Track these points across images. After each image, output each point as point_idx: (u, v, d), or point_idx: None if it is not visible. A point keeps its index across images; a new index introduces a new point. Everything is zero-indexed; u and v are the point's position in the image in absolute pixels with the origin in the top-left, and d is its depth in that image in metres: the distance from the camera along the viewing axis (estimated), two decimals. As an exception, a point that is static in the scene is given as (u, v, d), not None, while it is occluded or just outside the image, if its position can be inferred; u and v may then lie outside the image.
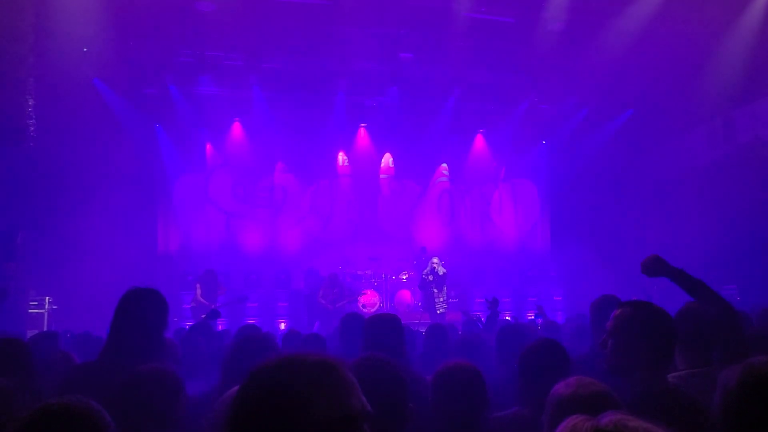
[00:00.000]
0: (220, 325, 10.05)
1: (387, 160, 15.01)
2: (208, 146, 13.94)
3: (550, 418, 1.81)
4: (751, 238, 10.32)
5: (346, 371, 1.09)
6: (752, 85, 11.08)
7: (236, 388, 2.17)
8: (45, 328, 9.48)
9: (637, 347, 2.17)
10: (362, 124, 14.59)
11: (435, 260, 11.51)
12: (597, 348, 2.50)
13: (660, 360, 2.18)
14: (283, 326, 11.98)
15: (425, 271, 11.56)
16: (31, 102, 10.57)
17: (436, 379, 2.34)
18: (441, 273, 11.37)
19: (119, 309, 2.79)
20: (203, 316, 6.61)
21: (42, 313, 9.83)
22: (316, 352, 1.12)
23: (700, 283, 2.88)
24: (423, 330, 5.41)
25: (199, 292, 10.35)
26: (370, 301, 12.87)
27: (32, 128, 10.58)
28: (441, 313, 11.06)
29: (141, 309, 2.77)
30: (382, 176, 15.05)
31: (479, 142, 15.14)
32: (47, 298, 10.10)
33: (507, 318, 11.36)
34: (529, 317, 11.13)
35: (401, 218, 14.94)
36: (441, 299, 11.33)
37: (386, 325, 3.17)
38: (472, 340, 3.93)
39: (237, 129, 13.91)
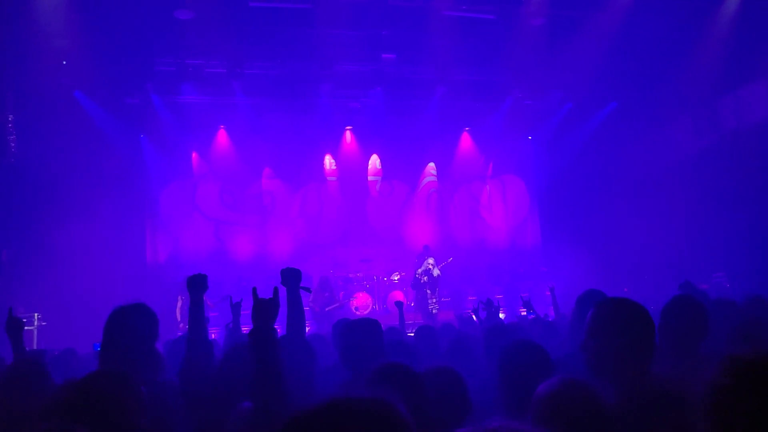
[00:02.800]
0: (213, 334, 9.96)
1: (374, 161, 14.98)
2: (194, 154, 13.85)
3: (536, 418, 1.79)
4: (738, 224, 10.37)
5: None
6: (734, 73, 11.14)
7: (246, 404, 2.16)
8: (34, 346, 9.35)
9: (617, 347, 2.14)
10: (348, 127, 14.56)
11: (431, 261, 11.41)
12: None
13: (641, 357, 2.15)
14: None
15: (419, 270, 11.49)
16: (11, 117, 10.47)
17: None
18: (435, 275, 11.29)
19: (107, 328, 2.77)
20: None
21: (31, 330, 9.70)
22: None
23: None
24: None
25: (179, 305, 10.26)
26: (362, 304, 12.84)
27: (13, 144, 10.48)
28: (434, 314, 11.02)
29: (129, 325, 2.75)
30: (370, 178, 15.02)
31: (466, 139, 15.14)
32: (36, 314, 9.97)
33: (502, 316, 11.35)
34: (522, 313, 11.13)
35: (391, 219, 14.91)
36: (434, 300, 11.27)
37: (364, 331, 3.14)
38: (465, 341, 3.91)
39: (222, 136, 13.83)
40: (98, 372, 2.15)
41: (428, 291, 11.27)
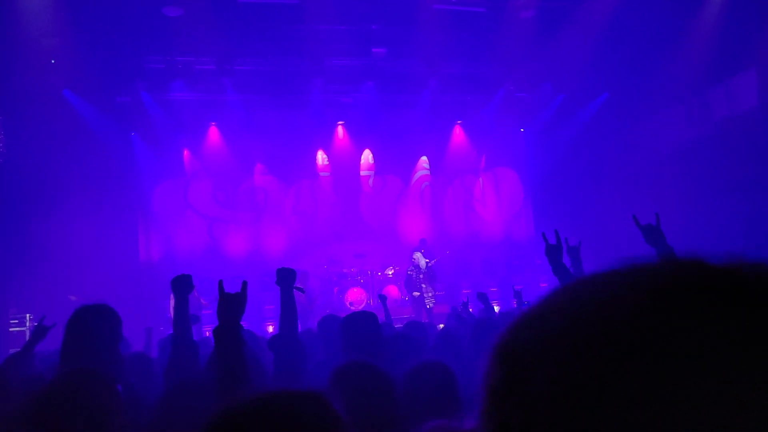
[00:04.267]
0: (207, 332, 9.95)
1: (367, 156, 14.96)
2: (186, 152, 13.81)
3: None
4: (730, 214, 10.41)
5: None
6: (724, 63, 11.16)
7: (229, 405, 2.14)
8: (28, 347, 9.31)
9: None
10: (340, 122, 14.53)
11: (416, 255, 11.36)
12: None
13: None
14: (270, 329, 11.91)
15: (409, 267, 11.49)
16: (-2, 117, 10.41)
17: (405, 380, 2.31)
18: (423, 265, 11.20)
19: (69, 328, 2.76)
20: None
21: (23, 331, 9.67)
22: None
23: None
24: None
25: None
26: (357, 299, 12.85)
27: (1, 144, 10.41)
28: (429, 308, 10.95)
29: (91, 326, 2.74)
30: (362, 173, 15.01)
31: (458, 133, 15.13)
32: (28, 315, 9.95)
33: (496, 308, 11.35)
34: (514, 305, 11.14)
35: (384, 214, 14.91)
36: (429, 294, 11.14)
37: (363, 324, 3.15)
38: (452, 335, 3.92)
39: (214, 133, 13.78)
40: (70, 371, 2.12)
41: (424, 285, 11.19)
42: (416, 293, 11.11)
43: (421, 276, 11.13)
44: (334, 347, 4.04)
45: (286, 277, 3.42)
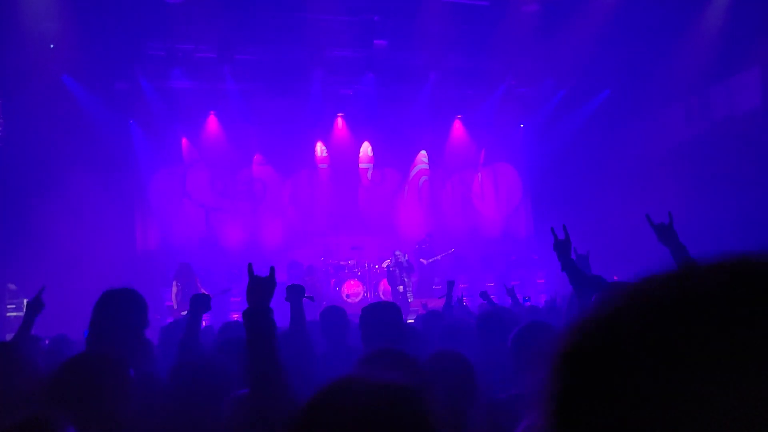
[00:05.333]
0: (204, 321, 9.91)
1: (366, 148, 14.91)
2: (184, 140, 13.73)
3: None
4: (729, 213, 10.42)
5: None
6: (726, 61, 11.15)
7: (244, 391, 2.14)
8: (24, 332, 9.26)
9: None
10: (339, 114, 14.47)
11: (397, 252, 11.70)
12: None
13: None
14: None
15: (389, 264, 11.79)
16: (-3, 102, 10.32)
17: (425, 367, 2.30)
18: (403, 260, 11.59)
19: (96, 311, 2.73)
20: (183, 312, 6.49)
21: (21, 317, 9.59)
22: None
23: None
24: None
25: (174, 290, 10.19)
26: (353, 291, 12.82)
27: (0, 128, 10.32)
28: (409, 302, 11.21)
29: (119, 310, 2.72)
30: (361, 165, 14.96)
31: (458, 127, 15.09)
32: (25, 300, 9.87)
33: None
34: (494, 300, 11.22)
35: (382, 207, 14.88)
36: (409, 289, 11.60)
37: (384, 315, 3.14)
38: (457, 326, 3.91)
39: (212, 122, 13.71)
40: (83, 355, 2.10)
41: (405, 279, 11.52)
42: (400, 287, 11.42)
43: (402, 273, 11.50)
44: (336, 339, 4.02)
45: (295, 293, 3.59)
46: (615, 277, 10.20)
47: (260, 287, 2.09)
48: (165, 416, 2.28)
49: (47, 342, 5.57)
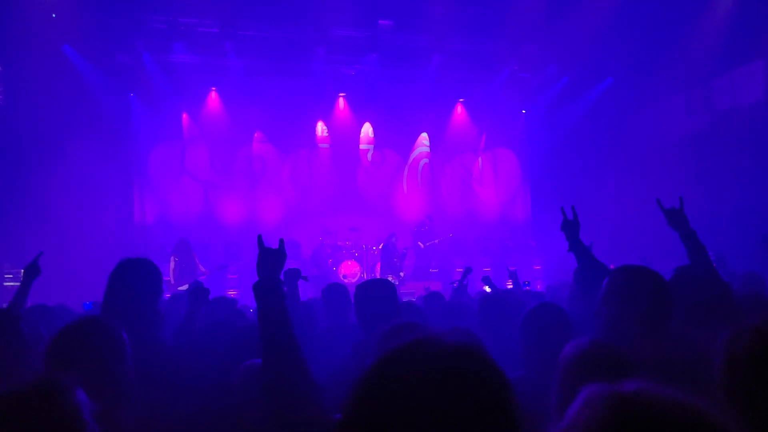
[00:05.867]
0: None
1: (367, 129, 14.86)
2: (184, 116, 13.64)
3: (563, 378, 1.79)
4: (728, 205, 10.44)
5: None
6: (730, 53, 11.11)
7: (255, 361, 2.16)
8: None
9: (632, 314, 2.14)
10: (341, 93, 14.39)
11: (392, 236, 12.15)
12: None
13: (656, 325, 2.15)
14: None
15: (387, 251, 12.15)
16: (-2, 69, 10.23)
17: None
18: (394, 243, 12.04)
19: (112, 280, 2.73)
20: (180, 287, 6.51)
21: (18, 286, 9.59)
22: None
23: (703, 250, 2.90)
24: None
25: (172, 265, 10.20)
26: (350, 272, 12.84)
27: (1, 96, 10.25)
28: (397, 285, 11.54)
29: (135, 279, 2.72)
30: (361, 146, 14.92)
31: (459, 110, 15.03)
32: (23, 271, 9.86)
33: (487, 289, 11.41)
34: (508, 285, 11.23)
35: (381, 188, 14.87)
36: (401, 274, 12.00)
37: (379, 291, 3.15)
38: (457, 308, 3.94)
39: (213, 98, 13.63)
40: (75, 321, 2.12)
41: (396, 261, 11.95)
42: (402, 273, 11.79)
43: (396, 260, 11.80)
44: (337, 315, 4.05)
45: (291, 276, 3.83)
46: (612, 266, 10.27)
47: (270, 259, 2.09)
48: (173, 383, 2.31)
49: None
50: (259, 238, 2.19)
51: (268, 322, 1.94)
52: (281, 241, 2.18)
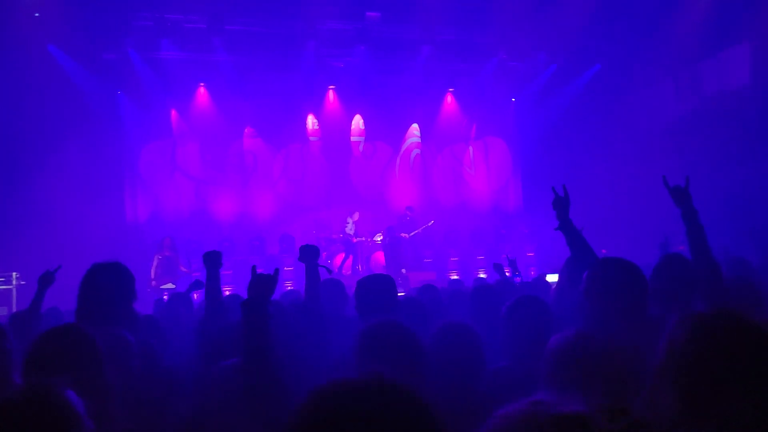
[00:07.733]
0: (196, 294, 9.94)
1: (357, 121, 14.85)
2: (173, 112, 13.60)
3: (551, 368, 1.84)
4: (716, 189, 10.51)
5: None
6: (716, 37, 11.15)
7: (227, 363, 2.21)
8: (14, 306, 9.28)
9: (612, 305, 2.24)
10: (331, 86, 14.36)
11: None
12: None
13: (635, 313, 2.25)
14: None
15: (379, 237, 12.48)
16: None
17: (431, 340, 2.35)
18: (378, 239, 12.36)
19: (83, 285, 2.76)
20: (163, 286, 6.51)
21: (10, 290, 9.59)
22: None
23: (701, 230, 2.97)
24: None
25: (155, 264, 10.21)
26: (345, 264, 12.89)
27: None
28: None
29: (106, 283, 2.74)
30: (353, 138, 14.92)
31: (449, 100, 15.04)
32: (14, 273, 9.84)
33: (483, 275, 11.52)
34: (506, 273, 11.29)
35: (374, 180, 14.89)
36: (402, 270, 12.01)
37: (378, 286, 3.18)
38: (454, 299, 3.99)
39: (202, 94, 13.58)
40: (49, 330, 2.13)
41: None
42: (404, 270, 11.84)
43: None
44: (334, 310, 4.08)
45: (309, 253, 3.69)
46: (603, 251, 10.34)
47: (262, 284, 2.25)
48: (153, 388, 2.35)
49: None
50: (253, 268, 2.39)
51: (250, 337, 2.14)
52: (277, 271, 2.35)
